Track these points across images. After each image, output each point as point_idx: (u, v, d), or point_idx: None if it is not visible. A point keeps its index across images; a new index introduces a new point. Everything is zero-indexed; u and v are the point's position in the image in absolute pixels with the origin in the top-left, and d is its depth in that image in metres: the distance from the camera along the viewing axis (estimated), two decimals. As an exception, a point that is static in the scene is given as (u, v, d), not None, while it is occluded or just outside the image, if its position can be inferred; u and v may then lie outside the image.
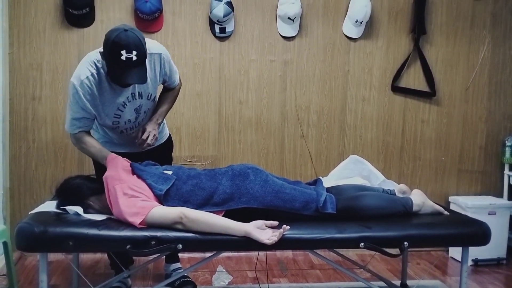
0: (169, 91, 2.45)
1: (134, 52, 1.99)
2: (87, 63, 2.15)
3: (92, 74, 2.13)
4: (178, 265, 2.82)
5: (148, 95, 2.29)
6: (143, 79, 2.08)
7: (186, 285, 2.66)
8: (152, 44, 2.24)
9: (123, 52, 1.97)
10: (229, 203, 2.05)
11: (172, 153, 2.75)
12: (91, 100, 2.16)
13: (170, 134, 2.70)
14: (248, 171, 2.14)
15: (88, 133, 2.30)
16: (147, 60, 2.14)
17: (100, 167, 2.28)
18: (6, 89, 3.10)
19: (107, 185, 2.04)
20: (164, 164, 2.31)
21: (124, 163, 2.16)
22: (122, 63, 1.99)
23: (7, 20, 3.08)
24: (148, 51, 2.13)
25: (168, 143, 2.67)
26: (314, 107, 3.43)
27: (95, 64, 2.14)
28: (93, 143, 2.27)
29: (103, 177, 2.09)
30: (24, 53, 3.12)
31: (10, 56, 3.11)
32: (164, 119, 2.57)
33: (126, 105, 2.24)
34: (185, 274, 2.72)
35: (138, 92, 2.25)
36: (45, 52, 3.14)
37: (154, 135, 2.28)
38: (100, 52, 2.11)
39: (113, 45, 1.99)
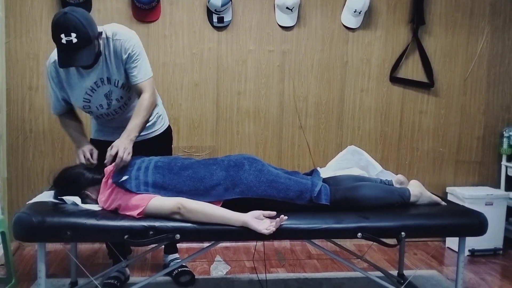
0: (140, 105, 2.25)
1: (74, 35, 1.98)
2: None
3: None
4: (176, 255, 2.83)
5: (115, 82, 2.26)
6: (86, 61, 2.06)
7: (183, 274, 2.68)
8: (122, 31, 2.22)
9: (62, 35, 1.98)
10: (224, 194, 2.05)
11: (172, 139, 2.70)
12: (58, 83, 2.24)
13: (169, 126, 2.64)
14: (244, 161, 2.13)
15: (71, 116, 2.38)
16: (110, 45, 2.18)
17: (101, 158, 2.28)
18: (3, 79, 3.08)
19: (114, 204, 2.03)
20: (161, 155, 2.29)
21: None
22: (63, 46, 2.00)
23: (3, 10, 3.05)
24: (115, 37, 2.18)
25: (166, 135, 2.60)
26: (312, 98, 3.42)
27: None
28: (71, 127, 2.36)
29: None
30: (21, 42, 3.10)
31: (7, 45, 3.09)
32: (163, 111, 2.56)
33: (95, 90, 2.25)
34: (183, 264, 2.73)
35: (107, 78, 2.24)
36: (42, 41, 3.11)
37: (127, 152, 2.09)
38: None
39: (53, 28, 2.02)
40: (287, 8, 3.26)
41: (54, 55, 2.18)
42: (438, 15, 3.46)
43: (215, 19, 3.24)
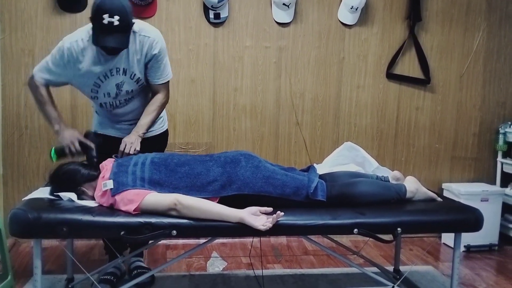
0: (153, 103, 2.40)
1: (116, 17, 2.04)
2: (82, 30, 2.24)
3: (82, 40, 2.20)
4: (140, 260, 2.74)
5: (131, 74, 2.29)
6: (122, 44, 2.11)
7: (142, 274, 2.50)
8: (148, 28, 2.29)
9: (105, 16, 2.03)
10: (220, 190, 2.05)
11: (166, 142, 2.71)
12: (70, 64, 2.22)
13: (167, 130, 2.66)
14: (240, 158, 2.13)
15: (49, 92, 2.35)
16: (137, 39, 2.22)
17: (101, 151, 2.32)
18: (-2, 75, 3.07)
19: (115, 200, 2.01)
20: None
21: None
22: (103, 26, 2.05)
23: (-2, 5, 3.04)
24: (142, 33, 2.23)
25: (162, 137, 2.61)
26: (308, 94, 3.42)
27: (89, 32, 2.20)
28: (49, 103, 2.33)
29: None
30: (16, 38, 3.09)
31: (2, 41, 3.07)
32: (164, 114, 2.58)
33: (108, 77, 2.26)
34: (142, 265, 2.68)
35: (123, 69, 2.26)
36: (37, 37, 3.10)
37: (134, 147, 2.27)
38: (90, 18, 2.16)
39: (97, 8, 2.06)
40: (283, 4, 3.26)
41: (76, 35, 2.22)
42: (434, 11, 3.47)
43: (211, 15, 3.23)
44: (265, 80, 3.37)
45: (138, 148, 2.28)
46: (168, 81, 2.42)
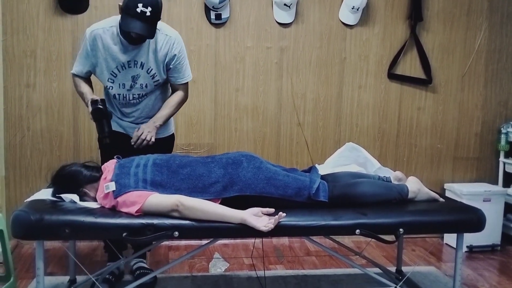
0: (173, 99, 2.49)
1: (149, 8, 2.15)
2: (105, 21, 2.36)
3: (103, 29, 2.32)
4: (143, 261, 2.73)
5: (148, 69, 2.37)
6: (149, 34, 2.21)
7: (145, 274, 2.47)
8: (169, 28, 2.42)
9: (140, 5, 2.14)
10: (222, 192, 2.05)
11: (172, 146, 2.70)
12: (92, 52, 2.34)
13: (174, 134, 2.68)
14: (242, 159, 2.13)
15: (85, 79, 2.47)
16: (158, 36, 2.33)
17: (104, 149, 2.40)
18: (0, 77, 3.07)
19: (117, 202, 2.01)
20: None
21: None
22: (136, 14, 2.14)
23: (0, 7, 3.04)
24: (164, 32, 2.36)
25: (169, 141, 2.64)
26: (310, 95, 3.42)
27: (111, 23, 2.33)
28: (84, 85, 2.43)
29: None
30: (18, 40, 3.09)
31: (4, 43, 3.08)
32: (172, 119, 2.59)
33: (125, 68, 2.35)
34: (145, 266, 2.68)
35: (141, 62, 2.34)
36: (39, 39, 3.10)
37: (150, 135, 2.35)
38: (119, 7, 2.23)
39: None
40: (285, 4, 3.26)
41: (99, 24, 2.34)
42: (436, 11, 3.46)
43: (212, 16, 3.23)
44: (267, 81, 3.37)
45: (153, 139, 2.34)
46: (189, 82, 2.52)
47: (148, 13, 2.14)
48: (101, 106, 2.30)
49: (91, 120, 2.35)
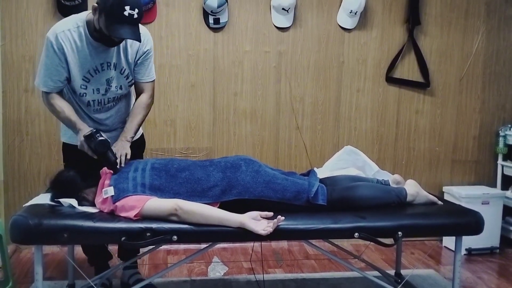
0: (139, 104, 2.34)
1: (136, 11, 2.03)
2: (66, 21, 2.17)
3: (69, 30, 2.13)
4: (135, 271, 2.68)
5: (121, 69, 2.26)
6: (138, 37, 2.08)
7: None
8: (140, 26, 2.21)
9: (127, 8, 2.01)
10: (221, 195, 2.05)
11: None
12: (62, 56, 2.13)
13: (143, 134, 2.59)
14: (241, 163, 2.13)
15: (60, 95, 2.23)
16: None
17: (68, 158, 2.28)
18: (-1, 81, 3.08)
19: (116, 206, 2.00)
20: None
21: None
22: (124, 18, 2.01)
23: (-1, 12, 3.05)
24: None
25: (139, 142, 2.52)
26: (308, 98, 3.43)
27: (76, 23, 2.14)
28: (63, 106, 2.20)
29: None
30: (17, 45, 3.10)
31: (2, 48, 3.08)
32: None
33: (99, 71, 2.20)
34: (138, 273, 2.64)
35: (114, 63, 2.22)
36: (38, 44, 3.11)
37: (125, 151, 2.20)
38: (94, 7, 2.07)
39: (118, 0, 2.00)
40: (283, 9, 3.27)
41: (61, 27, 2.13)
42: (433, 15, 3.47)
43: (211, 20, 3.24)
44: (265, 85, 3.38)
45: (129, 155, 2.21)
46: (154, 81, 2.39)
47: (135, 15, 2.02)
48: (103, 138, 2.11)
49: (92, 155, 2.13)
